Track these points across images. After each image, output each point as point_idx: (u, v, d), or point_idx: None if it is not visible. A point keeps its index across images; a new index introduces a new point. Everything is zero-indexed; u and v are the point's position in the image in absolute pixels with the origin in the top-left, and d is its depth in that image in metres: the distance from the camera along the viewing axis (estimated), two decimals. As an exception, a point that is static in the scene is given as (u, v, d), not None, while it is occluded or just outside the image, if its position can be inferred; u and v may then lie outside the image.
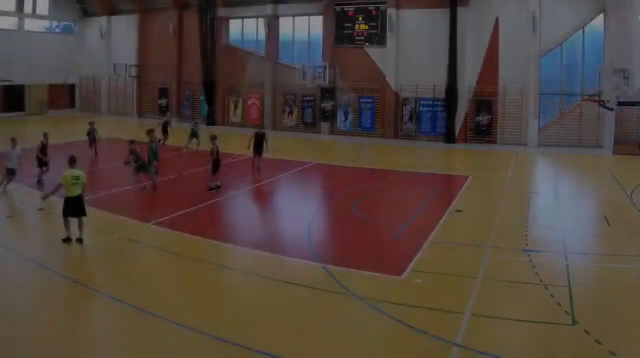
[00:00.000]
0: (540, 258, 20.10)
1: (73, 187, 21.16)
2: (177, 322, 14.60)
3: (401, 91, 56.89)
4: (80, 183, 21.33)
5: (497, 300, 16.80)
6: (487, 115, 53.43)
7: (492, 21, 53.25)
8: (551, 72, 52.78)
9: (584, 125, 50.83)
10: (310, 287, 17.54)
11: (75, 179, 21.25)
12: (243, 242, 22.36)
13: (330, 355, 13.54)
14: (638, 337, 14.37)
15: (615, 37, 48.70)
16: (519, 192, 32.03)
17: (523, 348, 13.89)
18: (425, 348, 13.75)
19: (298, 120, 62.63)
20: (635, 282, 18.08)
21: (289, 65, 62.65)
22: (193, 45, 67.70)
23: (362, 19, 58.79)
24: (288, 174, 36.99)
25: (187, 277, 18.79)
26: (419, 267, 19.15)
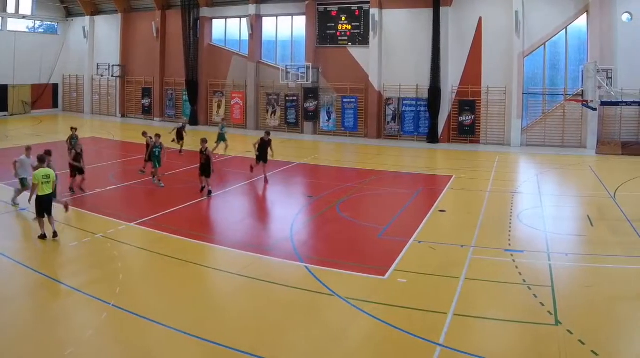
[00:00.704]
0: (524, 258, 19.95)
1: (44, 186, 20.89)
2: (160, 322, 14.47)
3: (384, 91, 56.34)
4: (51, 182, 21.10)
5: (480, 300, 16.60)
6: (470, 115, 52.96)
7: (475, 21, 52.83)
8: (534, 72, 52.36)
9: (567, 125, 50.45)
10: (293, 287, 17.36)
11: (45, 178, 20.97)
12: (226, 242, 22.20)
13: (313, 355, 13.38)
14: (621, 336, 14.30)
15: (599, 36, 48.38)
16: (503, 192, 31.69)
17: (506, 348, 13.76)
18: (408, 349, 13.61)
19: (281, 120, 62.00)
20: (618, 282, 17.96)
21: (272, 65, 62.16)
22: (176, 45, 67.15)
23: (345, 19, 58.32)
24: (271, 174, 36.00)
25: (170, 277, 18.52)
26: (402, 267, 18.99)
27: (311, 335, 14.40)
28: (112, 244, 21.19)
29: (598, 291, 17.10)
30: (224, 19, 66.30)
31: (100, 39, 75.12)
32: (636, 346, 14.05)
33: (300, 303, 16.45)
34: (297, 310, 15.93)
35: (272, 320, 15.16)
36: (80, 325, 14.69)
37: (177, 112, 68.57)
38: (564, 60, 51.16)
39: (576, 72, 49.03)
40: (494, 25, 52.07)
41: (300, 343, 14.00)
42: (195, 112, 66.14)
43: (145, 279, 18.55)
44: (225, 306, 16.33)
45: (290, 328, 14.77)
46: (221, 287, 18.16)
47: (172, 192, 30.51)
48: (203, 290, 17.67)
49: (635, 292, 17.28)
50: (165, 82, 69.59)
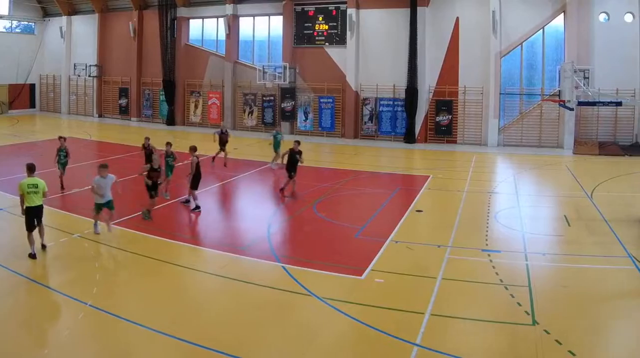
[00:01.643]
0: (501, 258, 19.81)
1: (30, 196, 19.25)
2: (137, 322, 14.37)
3: (361, 91, 55.46)
4: (40, 192, 19.40)
5: (457, 301, 16.44)
6: (447, 115, 52.18)
7: (452, 21, 52.00)
8: (511, 72, 51.63)
9: (544, 125, 49.82)
10: (270, 287, 17.21)
11: (32, 188, 19.30)
12: (203, 242, 22.33)
13: (290, 355, 13.30)
14: (598, 336, 14.22)
15: (576, 37, 47.78)
16: (480, 192, 31.21)
17: (483, 348, 13.62)
18: (385, 349, 13.53)
19: (258, 120, 60.93)
20: (595, 282, 17.87)
21: (249, 65, 60.96)
22: (153, 45, 65.88)
23: (322, 19, 57.27)
24: (249, 173, 35.97)
25: (147, 277, 18.32)
26: (380, 267, 18.86)
27: (288, 335, 14.28)
28: (89, 244, 20.93)
29: (575, 291, 16.98)
30: (201, 19, 64.91)
31: (77, 38, 73.31)
32: (613, 346, 13.98)
33: (277, 303, 16.24)
34: (274, 310, 15.73)
35: (249, 320, 15.04)
36: (57, 325, 14.73)
37: (154, 112, 67.41)
38: (541, 60, 50.55)
39: (553, 72, 49.06)
40: (471, 25, 51.36)
41: (277, 343, 13.89)
42: (172, 112, 64.80)
43: (122, 279, 18.26)
44: (202, 306, 16.05)
45: (267, 328, 14.59)
46: (198, 287, 17.91)
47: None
48: (180, 290, 17.38)
49: (612, 292, 17.15)
50: (143, 82, 68.08)
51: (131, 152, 41.71)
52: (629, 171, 37.60)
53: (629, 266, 19.05)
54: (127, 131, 60.17)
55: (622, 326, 15.04)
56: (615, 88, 45.11)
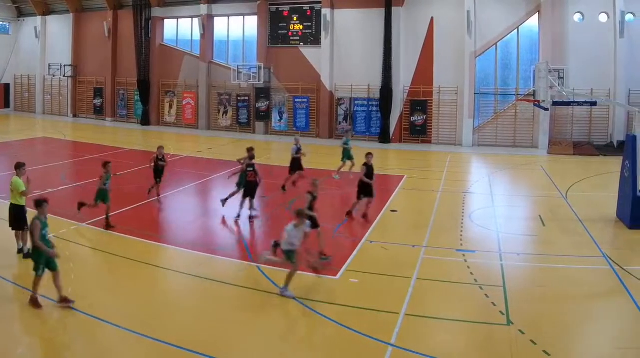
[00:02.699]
0: (475, 258, 19.59)
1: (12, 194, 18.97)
2: (112, 322, 14.11)
3: (336, 91, 54.45)
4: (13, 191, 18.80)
5: (432, 300, 16.37)
6: (422, 115, 51.35)
7: (427, 21, 51.10)
8: (486, 72, 50.88)
9: (519, 125, 49.22)
10: (245, 287, 17.06)
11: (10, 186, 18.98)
12: (178, 242, 21.57)
13: (265, 355, 13.15)
14: (572, 336, 14.17)
15: (550, 36, 47.19)
16: (454, 192, 30.79)
17: (458, 348, 13.51)
18: (360, 349, 13.31)
19: (233, 120, 59.80)
20: (569, 282, 17.67)
21: (224, 65, 59.79)
22: (128, 45, 64.29)
23: (297, 19, 56.19)
24: (223, 173, 34.65)
25: (121, 277, 18.03)
26: (354, 267, 18.66)
27: (263, 335, 14.10)
28: (65, 244, 20.11)
29: (550, 291, 16.87)
30: (175, 19, 63.36)
31: (52, 38, 71.43)
32: (587, 346, 13.82)
33: (252, 303, 16.05)
34: (249, 310, 15.50)
35: (224, 320, 14.86)
36: (31, 325, 14.40)
37: (129, 112, 65.79)
38: (516, 60, 49.89)
39: (528, 72, 48.31)
40: (445, 25, 50.57)
41: (252, 343, 13.66)
42: (146, 112, 63.35)
43: (97, 279, 17.92)
44: (177, 306, 15.74)
45: (242, 328, 14.37)
46: (173, 286, 17.64)
47: (123, 192, 29.07)
48: (155, 290, 17.08)
49: (587, 292, 17.01)
50: (117, 82, 66.39)
51: (106, 152, 40.86)
52: (603, 171, 37.14)
53: (604, 266, 18.85)
54: (102, 131, 59.23)
55: (597, 326, 14.84)
56: (590, 88, 44.78)
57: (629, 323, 14.78)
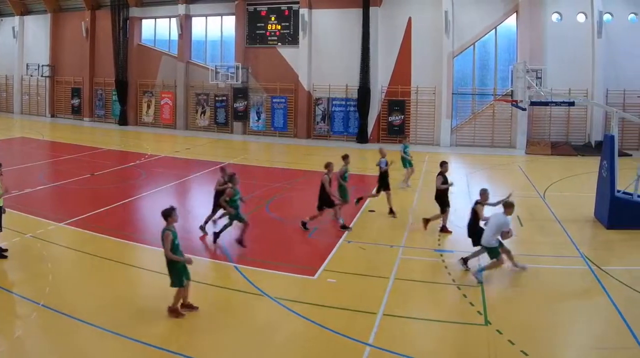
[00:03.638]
0: (453, 258, 19.20)
1: None
2: (89, 322, 13.86)
3: (314, 91, 53.47)
4: None
5: (410, 301, 16.11)
6: (399, 115, 50.53)
7: (404, 21, 50.27)
8: (464, 72, 50.13)
9: (496, 125, 48.58)
10: (223, 287, 16.87)
11: None
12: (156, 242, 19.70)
13: (242, 355, 12.89)
14: (550, 336, 13.83)
15: (528, 37, 46.63)
16: (432, 192, 29.04)
17: (436, 348, 13.41)
18: (338, 349, 13.15)
19: (211, 120, 58.68)
20: (547, 282, 17.43)
21: (202, 65, 58.51)
22: (106, 45, 62.90)
23: (275, 19, 55.20)
24: (201, 174, 34.98)
25: (99, 276, 17.61)
26: (332, 267, 18.38)
27: (241, 335, 13.79)
28: (42, 244, 20.02)
29: (527, 291, 16.71)
30: (153, 19, 62.14)
31: (29, 38, 69.80)
32: (565, 346, 13.62)
33: (229, 303, 15.77)
34: (227, 310, 15.27)
35: (202, 320, 14.48)
36: (9, 325, 14.05)
37: (107, 112, 64.44)
38: (494, 60, 49.21)
39: (506, 72, 47.93)
40: (423, 25, 49.81)
41: (230, 343, 13.40)
42: (124, 112, 62.10)
43: (75, 279, 17.56)
44: (154, 306, 15.20)
45: (220, 328, 14.08)
46: (151, 287, 17.09)
47: (101, 192, 29.06)
48: (132, 290, 16.79)
49: (565, 292, 16.79)
50: (95, 82, 64.89)
51: (84, 152, 40.87)
52: (581, 171, 36.76)
53: (582, 266, 18.66)
54: (80, 131, 58.17)
55: (575, 326, 14.73)
56: (568, 88, 44.17)
57: (606, 323, 14.55)
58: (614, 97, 45.11)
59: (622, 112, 26.83)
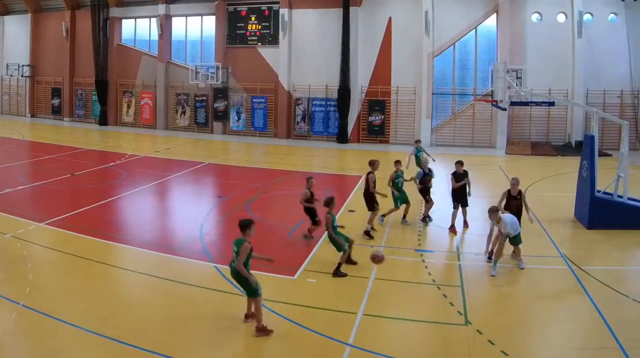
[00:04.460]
0: (433, 258, 19.30)
1: None
2: (69, 322, 13.64)
3: (294, 91, 52.31)
4: None
5: (390, 300, 15.85)
6: (379, 115, 49.67)
7: (384, 21, 49.41)
8: (444, 72, 49.30)
9: (476, 125, 47.81)
10: (202, 287, 16.47)
11: None
12: (136, 241, 20.94)
13: (222, 355, 12.77)
14: (530, 336, 13.76)
15: (508, 37, 45.91)
16: (412, 192, 28.18)
17: (416, 348, 13.23)
18: (318, 349, 12.98)
19: (191, 120, 57.32)
20: (527, 282, 17.28)
21: (182, 65, 57.29)
22: (86, 45, 61.42)
23: (255, 19, 53.98)
24: (181, 174, 34.34)
25: (79, 276, 17.31)
26: (312, 267, 18.22)
27: (220, 335, 13.60)
28: (22, 244, 19.79)
29: (507, 291, 16.63)
30: (133, 19, 60.71)
31: (9, 38, 68.05)
32: (545, 346, 13.36)
33: (209, 303, 15.48)
34: (207, 310, 14.95)
35: (181, 319, 14.26)
36: None
37: (87, 112, 62.96)
38: (474, 60, 48.36)
39: (486, 72, 46.95)
40: (403, 25, 48.90)
41: (209, 343, 13.15)
42: (104, 113, 60.67)
43: (55, 279, 17.20)
44: (134, 306, 15.21)
45: (199, 328, 13.83)
46: (130, 286, 16.91)
47: (82, 192, 28.85)
48: (112, 289, 16.38)
49: (545, 292, 16.55)
50: (75, 82, 63.41)
51: (64, 152, 40.40)
52: (561, 171, 36.36)
53: (562, 266, 18.48)
54: (60, 131, 57.18)
55: (555, 326, 14.29)
56: (548, 88, 43.57)
57: (587, 323, 14.39)
58: (594, 97, 44.63)
59: (602, 112, 26.40)
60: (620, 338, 13.20)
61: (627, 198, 22.78)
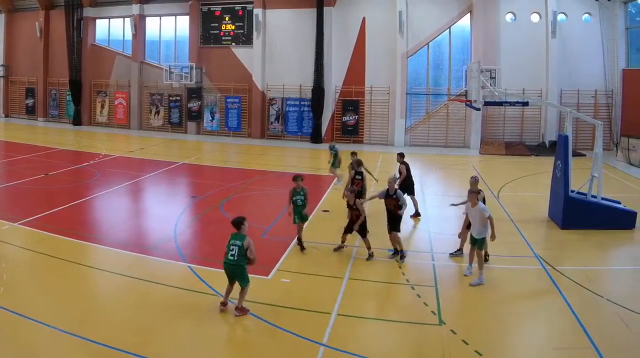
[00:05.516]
0: (407, 258, 18.67)
1: None
2: (44, 322, 13.28)
3: (268, 91, 50.69)
4: None
5: (364, 300, 15.65)
6: (353, 115, 48.25)
7: (358, 21, 48.12)
8: (418, 72, 48.06)
9: (450, 125, 46.70)
10: (176, 287, 16.02)
11: None
12: (110, 242, 20.39)
13: (196, 355, 12.36)
14: (504, 336, 13.58)
15: (482, 37, 44.91)
16: (385, 192, 27.92)
17: (390, 348, 12.81)
18: (292, 348, 12.68)
19: (164, 120, 55.39)
20: (501, 282, 16.88)
21: (156, 65, 55.34)
22: (60, 45, 59.32)
23: (229, 19, 52.40)
24: (155, 174, 33.54)
25: (54, 277, 16.82)
26: (286, 267, 17.91)
27: (194, 335, 13.21)
28: None
29: (481, 291, 16.14)
30: (107, 19, 58.66)
31: (-17, 38, 65.34)
32: (519, 346, 13.24)
33: (183, 303, 15.09)
34: (181, 309, 14.60)
35: (156, 320, 13.94)
36: None
37: (61, 112, 60.97)
38: (448, 60, 47.19)
39: (460, 72, 46.01)
40: (377, 25, 47.67)
41: (184, 343, 12.79)
42: (78, 112, 58.63)
43: (29, 279, 16.85)
44: (108, 306, 14.83)
45: (174, 328, 13.48)
46: (105, 286, 16.54)
47: (56, 192, 28.05)
48: (87, 290, 16.09)
49: (519, 292, 16.32)
50: (49, 82, 61.28)
51: (38, 152, 39.46)
52: (535, 171, 35.79)
53: (536, 266, 18.15)
54: (34, 131, 55.39)
55: (529, 326, 14.23)
56: (522, 88, 42.72)
57: (560, 323, 14.10)
58: (568, 97, 43.84)
59: (576, 112, 25.50)
60: (594, 338, 12.90)
61: (600, 198, 22.44)
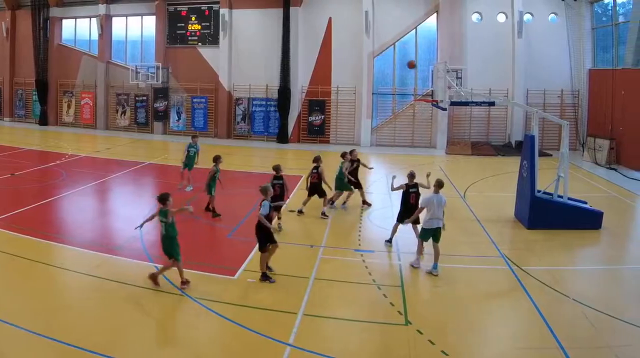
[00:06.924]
0: (373, 258, 18.56)
1: None
2: (10, 322, 12.93)
3: (234, 91, 48.48)
4: None
5: (330, 300, 15.22)
6: (320, 115, 46.20)
7: (325, 21, 46.13)
8: (384, 72, 46.14)
9: (417, 125, 44.83)
10: (143, 287, 15.52)
11: None
12: (76, 241, 19.87)
13: (162, 355, 12.21)
14: (471, 336, 13.24)
15: (448, 37, 43.12)
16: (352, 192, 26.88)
17: (356, 348, 12.60)
18: (258, 348, 12.44)
19: (131, 120, 52.90)
20: (467, 282, 16.54)
21: (122, 65, 52.68)
22: (26, 45, 56.38)
23: (195, 19, 49.95)
24: (121, 173, 32.75)
25: (20, 277, 16.35)
26: (252, 267, 17.26)
27: (161, 334, 13.28)
28: None
29: (448, 291, 15.88)
30: (73, 19, 55.89)
31: (-51, 38, 62.14)
32: (486, 346, 12.89)
33: (150, 303, 14.68)
34: (147, 309, 14.29)
35: (122, 320, 13.55)
36: None
37: (27, 112, 58.19)
38: (414, 60, 44.96)
39: (426, 72, 44.16)
40: (343, 25, 45.66)
41: (150, 343, 12.66)
42: (45, 112, 55.95)
43: None
44: (75, 306, 14.30)
45: (140, 328, 13.18)
46: (71, 287, 15.94)
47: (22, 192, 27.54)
48: (53, 290, 15.50)
49: (485, 292, 15.93)
50: (15, 82, 58.32)
51: (4, 152, 38.44)
52: (501, 171, 34.91)
53: (502, 266, 17.91)
54: (0, 131, 53.12)
55: (496, 326, 13.99)
56: (489, 88, 41.10)
57: (527, 322, 13.93)
58: (534, 97, 42.42)
59: (542, 112, 24.78)
60: (560, 338, 12.72)
61: (567, 199, 22.18)
